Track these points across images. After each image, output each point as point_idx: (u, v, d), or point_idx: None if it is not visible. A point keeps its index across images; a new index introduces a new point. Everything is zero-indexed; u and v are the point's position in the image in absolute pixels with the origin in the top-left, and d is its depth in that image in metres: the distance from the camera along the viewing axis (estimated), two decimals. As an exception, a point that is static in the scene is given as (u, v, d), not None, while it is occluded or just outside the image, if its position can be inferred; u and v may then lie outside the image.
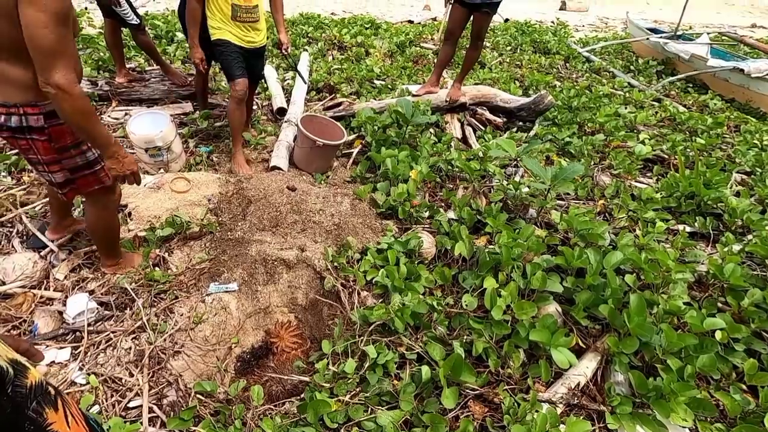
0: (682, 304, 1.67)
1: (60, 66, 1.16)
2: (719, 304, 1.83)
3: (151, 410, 1.36)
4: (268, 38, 2.97)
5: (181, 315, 1.77)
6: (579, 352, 1.64)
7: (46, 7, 1.11)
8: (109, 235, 1.78)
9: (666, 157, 3.25)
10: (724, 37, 6.27)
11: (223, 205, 2.38)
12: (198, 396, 1.41)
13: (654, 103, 4.54)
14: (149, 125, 2.61)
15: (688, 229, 2.38)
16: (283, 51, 2.90)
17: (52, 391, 0.53)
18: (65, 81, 1.18)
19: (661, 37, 6.06)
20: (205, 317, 1.77)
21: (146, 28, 3.54)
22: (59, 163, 1.43)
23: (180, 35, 4.81)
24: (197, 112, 3.36)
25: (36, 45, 1.13)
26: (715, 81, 5.16)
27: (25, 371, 0.50)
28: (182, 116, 3.39)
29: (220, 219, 2.28)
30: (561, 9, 11.79)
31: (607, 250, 1.92)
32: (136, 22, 3.21)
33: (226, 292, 1.89)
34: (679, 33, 6.37)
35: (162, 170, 2.72)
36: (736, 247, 2.12)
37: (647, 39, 6.18)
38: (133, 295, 1.76)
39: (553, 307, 1.74)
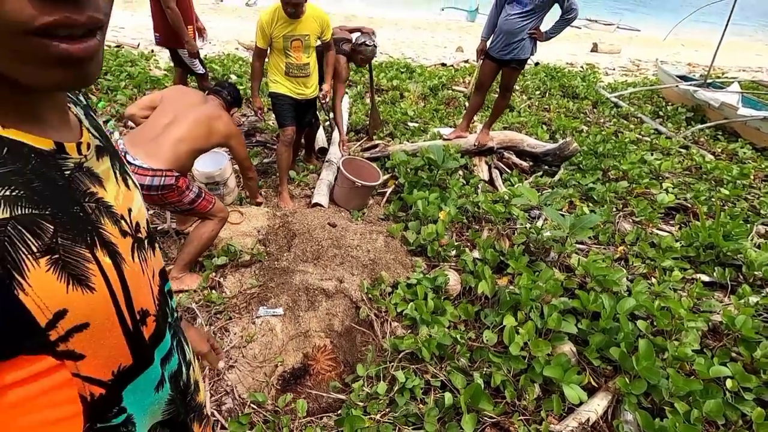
0: (691, 351, 1.79)
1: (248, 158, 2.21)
2: (732, 354, 1.93)
3: (212, 414, 1.60)
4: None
5: (235, 334, 2.03)
6: (591, 391, 1.78)
7: (239, 140, 2.21)
8: (199, 249, 2.25)
9: (689, 206, 3.35)
10: (755, 85, 6.31)
11: (270, 237, 2.68)
12: (251, 405, 1.64)
13: (682, 150, 4.64)
14: (210, 163, 2.99)
15: (706, 278, 2.48)
16: (320, 98, 3.17)
17: (206, 412, 0.69)
18: (234, 135, 2.30)
19: (690, 85, 6.18)
20: (254, 337, 2.02)
21: (208, 75, 4.02)
22: (181, 202, 2.09)
23: (234, 77, 5.33)
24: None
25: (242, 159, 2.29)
26: (746, 129, 5.20)
27: (198, 390, 0.65)
28: (235, 153, 3.78)
29: (267, 249, 2.57)
30: (593, 51, 12.02)
31: (621, 295, 2.06)
32: (202, 72, 3.68)
33: (273, 315, 2.14)
34: (709, 81, 6.46)
35: (218, 202, 3.07)
36: (753, 299, 2.21)
37: (677, 86, 6.30)
38: (197, 312, 2.04)
39: (567, 347, 1.89)
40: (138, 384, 0.45)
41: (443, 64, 8.01)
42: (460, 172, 3.62)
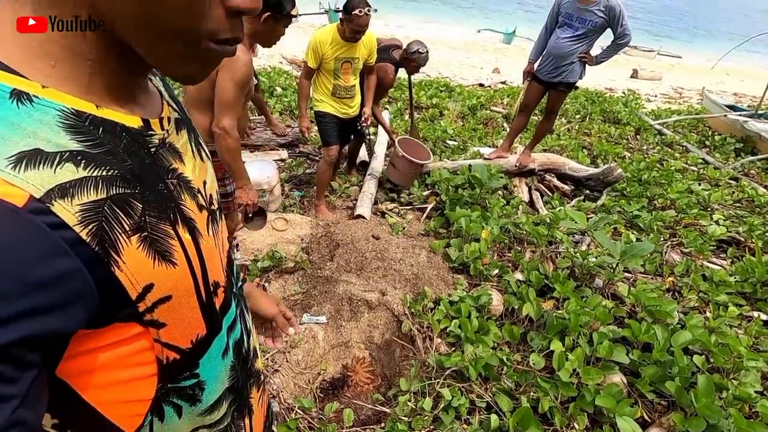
0: (753, 392, 1.70)
1: (229, 115, 1.70)
2: (796, 399, 1.82)
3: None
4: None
5: (253, 326, 2.06)
6: (643, 425, 1.71)
7: (233, 74, 1.67)
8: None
9: (742, 239, 3.22)
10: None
11: (313, 246, 2.73)
12: (299, 410, 1.66)
13: (731, 181, 4.47)
14: (258, 171, 3.08)
15: (763, 317, 2.36)
16: (362, 122, 3.18)
17: (261, 377, 0.70)
18: (229, 125, 1.74)
19: (740, 115, 5.98)
20: (298, 343, 2.05)
21: (260, 86, 4.18)
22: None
23: (279, 90, 5.52)
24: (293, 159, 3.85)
25: (219, 98, 1.69)
26: (800, 163, 4.98)
27: (257, 357, 0.67)
28: (279, 162, 3.89)
29: (310, 257, 2.62)
30: (632, 77, 11.83)
31: (675, 328, 1.99)
32: (254, 83, 3.83)
33: (317, 323, 2.17)
34: (760, 112, 6.23)
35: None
36: (817, 342, 2.09)
37: (725, 116, 6.11)
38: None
39: (618, 377, 1.83)
40: (210, 352, 0.48)
41: (481, 85, 8.05)
42: (500, 192, 3.60)
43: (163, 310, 0.40)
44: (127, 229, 0.36)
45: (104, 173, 0.35)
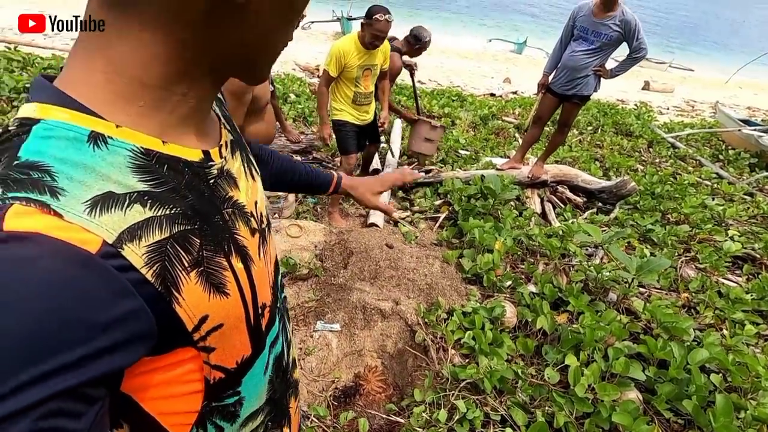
0: (772, 413, 1.68)
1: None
2: (815, 421, 1.79)
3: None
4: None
5: (293, 337, 2.08)
6: (659, 444, 1.69)
7: (226, 85, 1.76)
8: None
9: (757, 256, 3.19)
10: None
11: (326, 253, 2.74)
12: (314, 418, 1.67)
13: (746, 197, 4.43)
14: (274, 177, 3.12)
15: (781, 336, 2.33)
16: (379, 124, 3.33)
17: (298, 386, 0.72)
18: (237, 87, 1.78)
19: (755, 130, 5.93)
20: (312, 350, 2.06)
21: (275, 93, 4.23)
22: None
23: (293, 96, 5.58)
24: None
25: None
26: (817, 180, 4.92)
27: (295, 367, 0.70)
28: (293, 168, 3.93)
29: (324, 265, 2.64)
30: (644, 89, 11.79)
31: (691, 345, 1.97)
32: (270, 89, 3.89)
33: (331, 330, 2.18)
34: (776, 127, 6.19)
35: (276, 215, 3.18)
36: (837, 363, 2.06)
37: (739, 130, 6.06)
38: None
39: (634, 394, 1.82)
40: (253, 370, 0.50)
41: (492, 95, 8.08)
42: (513, 203, 3.60)
43: (214, 337, 0.42)
44: (187, 265, 0.38)
45: (168, 212, 0.37)
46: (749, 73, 14.53)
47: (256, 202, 0.52)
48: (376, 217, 3.11)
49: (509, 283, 2.53)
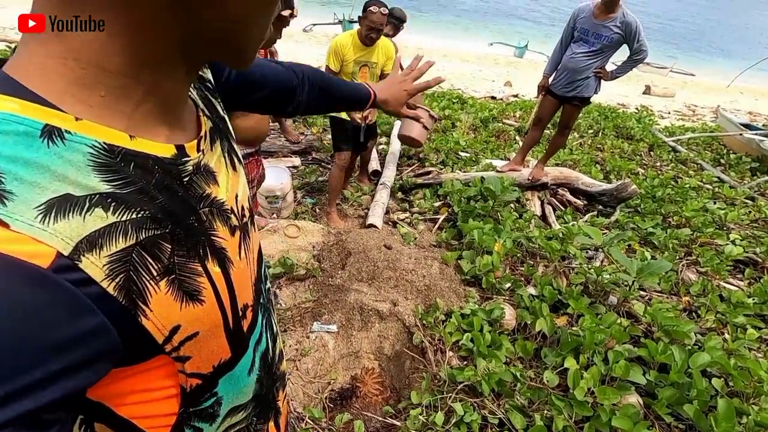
0: (774, 418, 1.65)
1: None
2: (819, 427, 1.76)
3: (269, 425, 1.61)
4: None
5: (290, 346, 2.05)
6: (660, 449, 1.66)
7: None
8: None
9: (759, 260, 3.16)
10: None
11: (324, 254, 2.72)
12: (308, 420, 1.64)
13: (747, 201, 4.41)
14: (272, 177, 3.10)
15: (783, 340, 2.31)
16: (363, 116, 3.07)
17: (285, 378, 0.70)
18: None
19: (756, 134, 5.91)
20: (308, 352, 2.04)
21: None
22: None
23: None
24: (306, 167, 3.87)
25: None
26: (818, 184, 4.90)
27: (282, 360, 0.67)
28: (291, 169, 3.92)
29: (322, 265, 2.61)
30: (645, 93, 11.78)
31: (692, 349, 1.95)
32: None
33: (327, 332, 2.15)
34: (777, 131, 6.17)
35: (275, 215, 3.17)
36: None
37: (740, 134, 6.05)
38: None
39: (634, 398, 1.79)
40: (233, 373, 0.47)
41: (493, 97, 8.07)
42: (513, 205, 3.58)
43: (189, 347, 0.39)
44: (155, 274, 0.35)
45: (134, 216, 0.33)
46: (750, 78, 14.52)
47: (237, 195, 0.48)
48: (375, 218, 3.09)
49: (508, 285, 2.50)
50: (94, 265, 0.30)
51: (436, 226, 3.25)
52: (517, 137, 5.58)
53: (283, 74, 0.79)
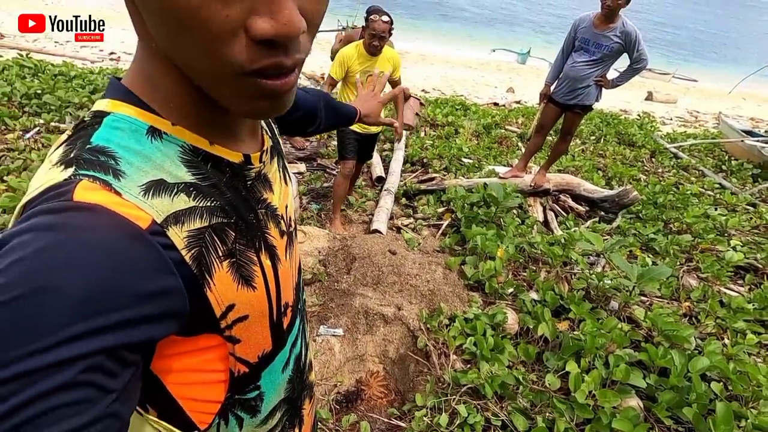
0: (772, 421, 1.68)
1: None
2: (817, 431, 1.79)
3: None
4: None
5: (311, 340, 2.10)
6: (660, 451, 1.70)
7: None
8: None
9: (760, 266, 3.19)
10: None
11: (330, 258, 2.77)
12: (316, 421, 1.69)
13: (748, 207, 4.44)
14: (279, 183, 3.17)
15: (783, 346, 2.33)
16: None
17: (313, 389, 0.73)
18: None
19: (758, 141, 5.95)
20: (315, 355, 2.08)
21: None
22: None
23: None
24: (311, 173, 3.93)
25: None
26: (820, 191, 4.92)
27: (311, 369, 0.72)
28: (297, 175, 3.98)
29: (327, 270, 2.66)
30: (647, 99, 11.84)
31: (692, 354, 1.98)
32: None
33: (334, 335, 2.20)
34: (779, 138, 6.20)
35: (281, 220, 3.23)
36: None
37: (742, 141, 6.08)
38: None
39: (634, 401, 1.83)
40: (273, 366, 0.52)
41: (495, 104, 8.14)
42: (515, 211, 3.63)
43: (239, 328, 0.45)
44: (221, 254, 0.41)
45: (209, 204, 0.41)
46: (752, 84, 14.55)
47: (286, 206, 0.56)
48: (380, 224, 3.14)
49: (511, 290, 2.54)
50: (177, 236, 0.37)
51: (440, 231, 3.30)
52: (520, 143, 5.63)
53: (309, 97, 0.89)
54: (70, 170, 0.35)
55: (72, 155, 0.37)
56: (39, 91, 4.13)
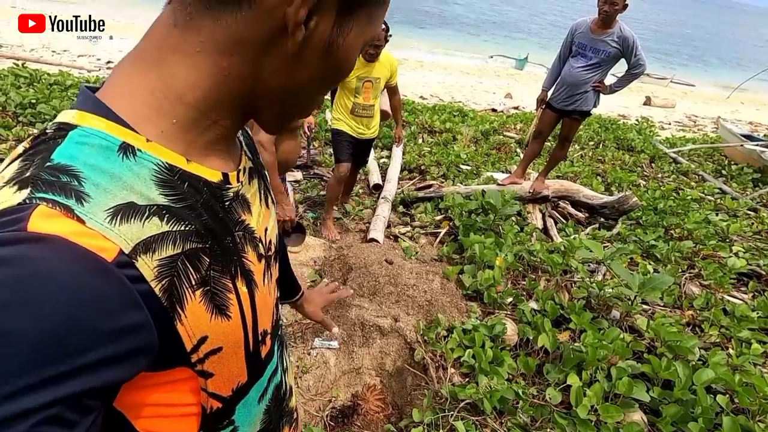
0: (781, 436, 1.63)
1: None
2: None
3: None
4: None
5: (291, 363, 2.05)
6: (665, 468, 1.64)
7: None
8: None
9: (763, 273, 3.14)
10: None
11: (326, 268, 2.73)
12: (309, 439, 1.63)
13: (749, 212, 4.40)
14: (274, 192, 3.13)
15: (789, 355, 2.28)
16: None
17: (295, 415, 0.71)
18: (265, 140, 1.90)
19: (758, 145, 5.92)
20: (309, 368, 2.03)
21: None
22: None
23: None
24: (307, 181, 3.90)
25: None
26: (821, 195, 4.88)
27: (291, 395, 0.69)
28: (294, 183, 3.94)
29: (323, 280, 2.62)
30: (645, 104, 11.83)
31: (696, 365, 1.93)
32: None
33: (329, 348, 2.15)
34: (778, 142, 6.17)
35: (277, 230, 3.19)
36: None
37: (741, 145, 6.06)
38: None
39: (638, 416, 1.77)
40: (248, 398, 0.49)
41: (494, 110, 8.13)
42: (514, 219, 3.59)
43: (212, 361, 0.41)
44: (194, 283, 0.38)
45: (183, 228, 0.37)
46: (751, 88, 14.59)
47: (266, 229, 0.52)
48: (377, 233, 3.10)
49: (510, 299, 2.50)
50: (146, 266, 0.34)
51: (438, 240, 3.25)
52: (518, 150, 5.60)
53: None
54: (25, 192, 0.31)
55: (28, 174, 0.33)
56: (34, 101, 4.11)
